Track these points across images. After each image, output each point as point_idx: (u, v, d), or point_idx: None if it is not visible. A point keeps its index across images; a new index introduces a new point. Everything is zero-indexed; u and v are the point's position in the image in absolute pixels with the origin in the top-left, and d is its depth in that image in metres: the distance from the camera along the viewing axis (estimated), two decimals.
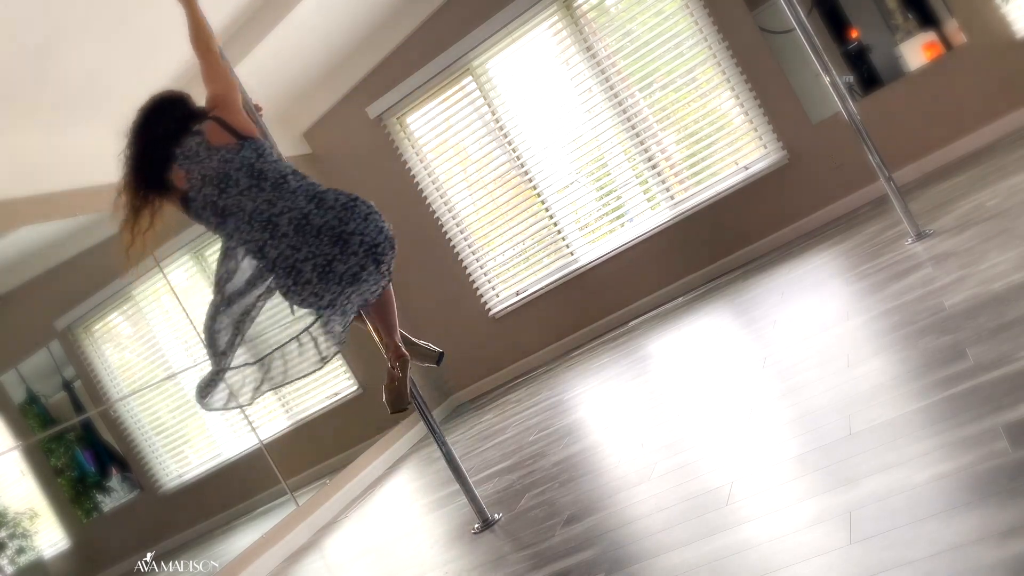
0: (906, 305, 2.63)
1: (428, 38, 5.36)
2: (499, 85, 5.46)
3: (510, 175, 5.56)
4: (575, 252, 5.52)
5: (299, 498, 4.25)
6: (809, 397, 2.34)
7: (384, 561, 3.13)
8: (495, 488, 3.21)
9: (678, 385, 3.30)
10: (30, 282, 3.73)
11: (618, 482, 2.55)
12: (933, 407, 1.85)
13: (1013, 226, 2.78)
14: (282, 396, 4.77)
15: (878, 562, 1.40)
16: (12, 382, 3.43)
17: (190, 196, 2.48)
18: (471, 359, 5.72)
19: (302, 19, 4.44)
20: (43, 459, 3.45)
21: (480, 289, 5.69)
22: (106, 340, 4.02)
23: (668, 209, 5.29)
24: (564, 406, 4.02)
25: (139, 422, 3.86)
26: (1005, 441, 1.54)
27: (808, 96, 4.81)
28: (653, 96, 5.27)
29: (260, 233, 2.39)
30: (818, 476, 1.84)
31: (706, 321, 4.20)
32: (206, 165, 2.46)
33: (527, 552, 2.35)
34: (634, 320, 5.26)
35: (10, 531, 3.17)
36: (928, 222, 3.49)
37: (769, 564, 1.60)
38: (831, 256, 4.01)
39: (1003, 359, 1.88)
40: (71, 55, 3.47)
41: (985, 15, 4.51)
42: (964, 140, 4.59)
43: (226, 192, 2.43)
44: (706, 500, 2.05)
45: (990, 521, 1.34)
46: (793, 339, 2.97)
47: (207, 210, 2.46)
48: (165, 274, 4.27)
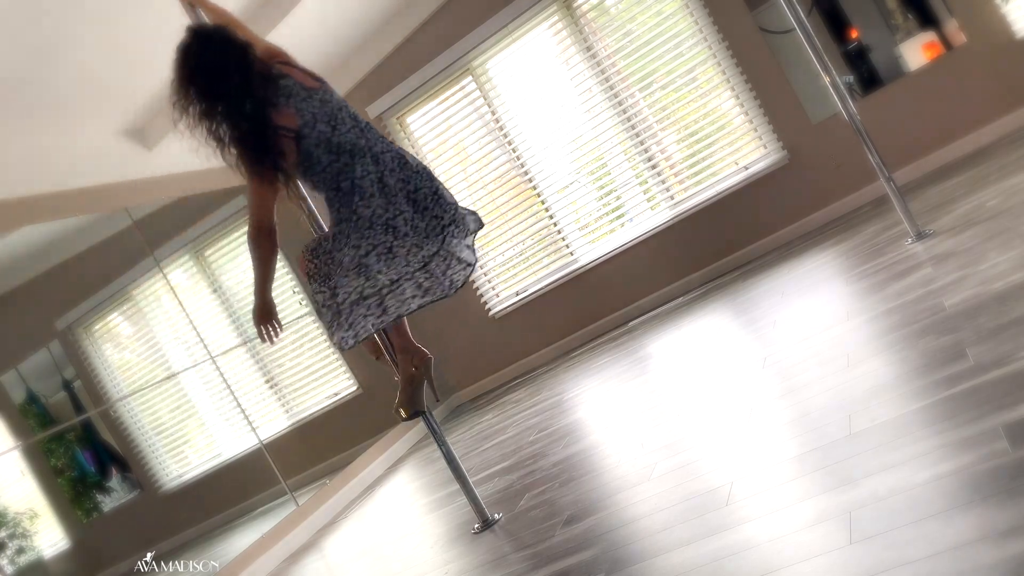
0: (906, 305, 2.63)
1: (428, 38, 5.36)
2: (499, 85, 5.46)
3: (510, 175, 5.56)
4: (575, 252, 5.52)
5: (299, 498, 4.25)
6: (809, 397, 2.34)
7: (384, 561, 3.13)
8: (495, 488, 3.21)
9: (678, 385, 3.30)
10: (30, 282, 3.73)
11: (618, 482, 2.55)
12: (933, 407, 1.85)
13: (1013, 226, 2.78)
14: (282, 396, 4.77)
15: (878, 562, 1.40)
16: (12, 382, 3.43)
17: (303, 133, 2.45)
18: (471, 359, 5.72)
19: (301, 19, 4.44)
20: (43, 459, 3.45)
21: (480, 289, 5.69)
22: (106, 340, 4.02)
23: (668, 209, 5.29)
24: (564, 406, 4.02)
25: (139, 422, 3.86)
26: (1005, 441, 1.54)
27: (808, 96, 4.81)
28: (653, 96, 5.27)
29: (375, 166, 2.48)
30: (818, 476, 1.84)
31: (706, 321, 4.20)
32: (312, 103, 2.48)
33: (527, 552, 2.35)
34: (634, 320, 5.26)
35: (10, 531, 3.17)
36: (928, 222, 3.49)
37: (769, 564, 1.60)
38: (831, 256, 4.01)
39: (1003, 359, 1.88)
40: (71, 55, 3.46)
41: (985, 15, 4.51)
42: (964, 140, 4.59)
43: (337, 129, 2.48)
44: (706, 500, 2.05)
45: (990, 521, 1.34)
46: (793, 339, 2.97)
47: (320, 147, 2.46)
48: (165, 274, 4.27)
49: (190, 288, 4.54)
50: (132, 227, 4.18)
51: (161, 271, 4.25)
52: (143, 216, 4.26)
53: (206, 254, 4.75)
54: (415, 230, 2.51)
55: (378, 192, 2.47)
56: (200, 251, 4.70)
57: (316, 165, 2.47)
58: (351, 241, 2.47)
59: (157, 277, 4.24)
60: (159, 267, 4.25)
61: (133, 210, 4.19)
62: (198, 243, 4.68)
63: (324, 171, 2.47)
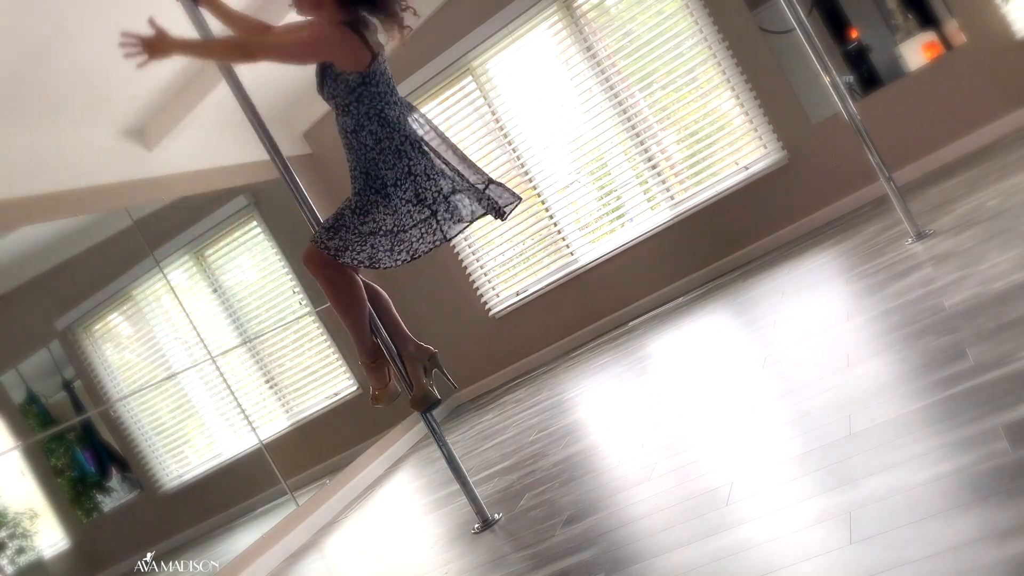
0: (906, 305, 2.63)
1: (428, 38, 5.36)
2: (499, 85, 5.45)
3: (510, 175, 5.56)
4: (575, 252, 5.52)
5: (299, 498, 4.25)
6: (809, 397, 2.34)
7: (384, 561, 3.13)
8: (495, 488, 3.21)
9: (678, 385, 3.30)
10: (30, 282, 3.73)
11: (618, 482, 2.55)
12: (933, 407, 1.85)
13: (1013, 226, 2.78)
14: (282, 396, 4.77)
15: (878, 562, 1.40)
16: (12, 382, 3.43)
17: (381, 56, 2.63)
18: (471, 359, 5.72)
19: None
20: (43, 459, 3.45)
21: (480, 289, 5.69)
22: (106, 340, 4.02)
23: (668, 209, 5.29)
24: (564, 406, 4.02)
25: (139, 422, 3.86)
26: (1005, 441, 1.54)
27: (808, 96, 4.81)
28: (653, 96, 5.27)
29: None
30: (818, 476, 1.84)
31: (706, 321, 4.20)
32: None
33: (527, 552, 2.35)
34: (634, 320, 5.26)
35: (10, 531, 3.17)
36: (928, 222, 3.49)
37: (769, 564, 1.60)
38: (831, 256, 4.01)
39: (1003, 359, 1.88)
40: (71, 55, 3.46)
41: (985, 15, 4.51)
42: (964, 140, 4.59)
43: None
44: (706, 500, 2.05)
45: (990, 521, 1.34)
46: (793, 339, 2.97)
47: (385, 75, 2.64)
48: (165, 274, 4.27)
49: (190, 288, 4.54)
50: (132, 227, 4.18)
51: (161, 271, 4.25)
52: (143, 216, 4.26)
53: (206, 254, 4.75)
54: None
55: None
56: (200, 251, 4.70)
57: (372, 88, 2.59)
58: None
59: (157, 277, 4.24)
60: (159, 267, 4.25)
61: (133, 210, 4.19)
62: (198, 243, 4.68)
63: (372, 101, 2.59)
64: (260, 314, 4.94)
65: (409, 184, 2.60)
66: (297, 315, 5.03)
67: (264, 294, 5.03)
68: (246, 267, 5.06)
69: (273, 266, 5.08)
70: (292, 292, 5.07)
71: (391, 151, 2.60)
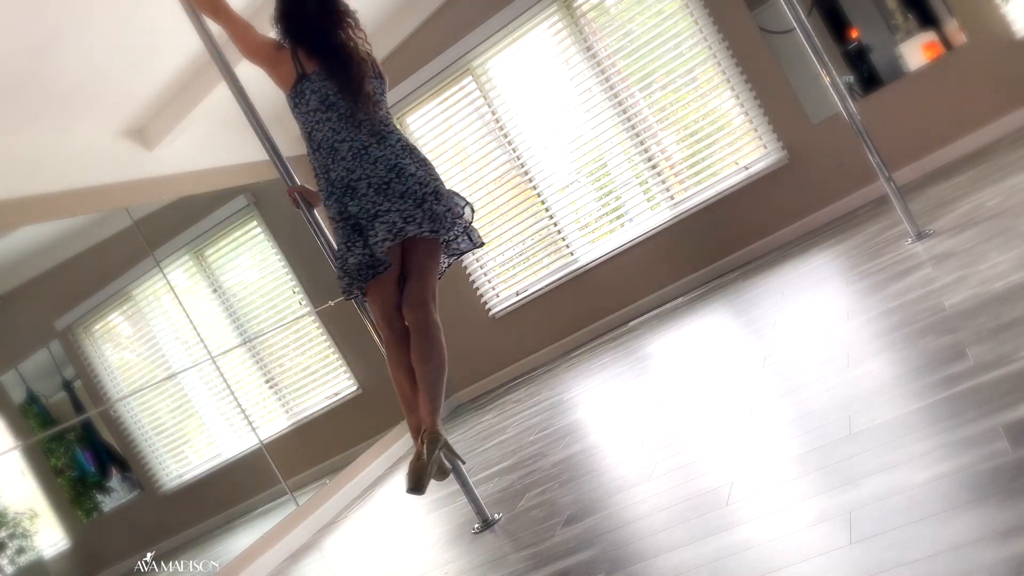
0: (906, 305, 2.63)
1: (428, 38, 5.36)
2: (499, 85, 5.46)
3: (510, 175, 5.56)
4: (575, 252, 5.52)
5: (299, 498, 4.25)
6: (809, 397, 2.34)
7: (384, 561, 3.13)
8: (495, 488, 3.21)
9: (678, 385, 3.30)
10: (30, 282, 3.73)
11: (618, 482, 2.55)
12: (933, 407, 1.85)
13: (1013, 226, 2.78)
14: (282, 396, 4.77)
15: (878, 562, 1.40)
16: (12, 382, 3.43)
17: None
18: (471, 359, 5.72)
19: None
20: (43, 459, 3.45)
21: (480, 289, 5.69)
22: (106, 340, 4.02)
23: (668, 209, 5.29)
24: (564, 406, 4.02)
25: (139, 422, 3.86)
26: (1005, 441, 1.54)
27: (808, 96, 4.81)
28: (653, 96, 5.27)
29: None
30: (818, 476, 1.84)
31: (706, 321, 4.20)
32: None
33: (527, 552, 2.35)
34: (634, 320, 5.26)
35: (10, 531, 3.17)
36: (928, 222, 3.49)
37: (769, 564, 1.60)
38: (831, 256, 4.01)
39: (1003, 359, 1.88)
40: (71, 55, 3.46)
41: (985, 15, 4.51)
42: (964, 140, 4.59)
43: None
44: (706, 500, 2.05)
45: (990, 521, 1.34)
46: (793, 339, 2.97)
47: (319, 94, 2.73)
48: (165, 274, 4.27)
49: (190, 288, 4.54)
50: (132, 227, 4.18)
51: (161, 271, 4.25)
52: (143, 216, 4.26)
53: (206, 254, 4.75)
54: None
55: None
56: (200, 251, 4.70)
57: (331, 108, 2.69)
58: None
59: (157, 277, 4.24)
60: (159, 267, 4.25)
61: (133, 210, 4.19)
62: (198, 243, 4.68)
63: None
64: (260, 314, 4.94)
65: (333, 202, 2.65)
66: (297, 315, 5.03)
67: (264, 294, 5.03)
68: (246, 267, 5.06)
69: (273, 266, 5.08)
70: (292, 292, 5.07)
71: (319, 169, 2.70)
